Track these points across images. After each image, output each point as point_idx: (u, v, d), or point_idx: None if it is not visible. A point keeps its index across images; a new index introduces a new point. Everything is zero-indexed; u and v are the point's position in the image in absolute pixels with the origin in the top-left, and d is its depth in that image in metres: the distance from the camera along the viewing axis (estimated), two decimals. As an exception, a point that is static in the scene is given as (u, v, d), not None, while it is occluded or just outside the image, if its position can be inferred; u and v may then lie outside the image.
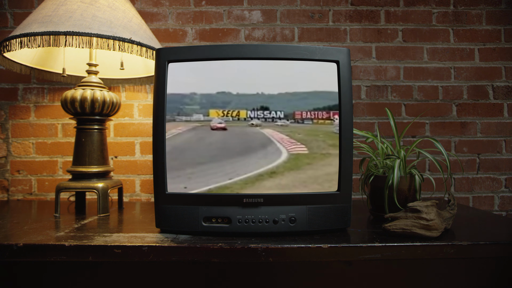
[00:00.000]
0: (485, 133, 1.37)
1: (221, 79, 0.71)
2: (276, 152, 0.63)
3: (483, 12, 1.38)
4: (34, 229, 0.81)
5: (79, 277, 0.76)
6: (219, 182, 0.63)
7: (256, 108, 0.64)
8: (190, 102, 0.62)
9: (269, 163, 0.63)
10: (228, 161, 0.63)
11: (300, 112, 0.63)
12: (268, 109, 0.64)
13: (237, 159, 0.63)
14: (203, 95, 0.62)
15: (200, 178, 0.63)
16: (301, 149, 0.64)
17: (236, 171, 0.63)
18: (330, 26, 1.37)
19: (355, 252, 0.70)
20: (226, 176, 0.63)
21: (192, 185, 0.65)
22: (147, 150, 1.35)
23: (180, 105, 0.62)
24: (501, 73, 1.37)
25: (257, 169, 0.64)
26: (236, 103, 0.63)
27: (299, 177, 0.64)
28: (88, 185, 0.99)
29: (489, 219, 0.94)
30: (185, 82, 0.66)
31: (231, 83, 0.71)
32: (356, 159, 1.31)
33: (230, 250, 0.69)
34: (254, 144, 0.63)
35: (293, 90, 0.67)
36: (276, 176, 0.64)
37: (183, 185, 0.64)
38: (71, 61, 1.20)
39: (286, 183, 0.63)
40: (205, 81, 0.67)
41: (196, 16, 1.36)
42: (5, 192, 1.33)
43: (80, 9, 0.93)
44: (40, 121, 1.34)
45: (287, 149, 0.63)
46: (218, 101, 0.63)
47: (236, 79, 0.74)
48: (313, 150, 0.64)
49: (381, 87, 1.37)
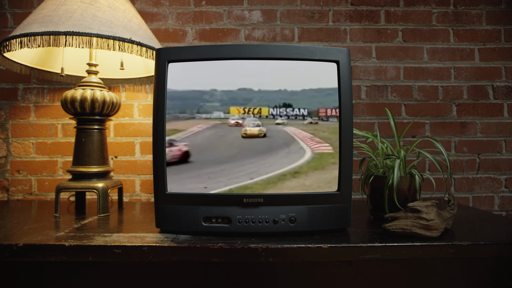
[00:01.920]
0: (485, 133, 1.37)
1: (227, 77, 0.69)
2: (299, 151, 0.60)
3: (483, 12, 1.38)
4: (34, 229, 0.81)
5: (79, 277, 0.76)
6: (239, 182, 0.59)
7: (279, 105, 0.61)
8: (210, 99, 0.60)
9: (292, 162, 0.60)
10: (249, 160, 0.60)
11: (324, 109, 0.60)
12: (291, 106, 0.61)
13: (258, 158, 0.60)
14: (224, 92, 0.59)
15: (220, 177, 0.60)
16: (326, 148, 0.60)
17: (257, 171, 0.60)
18: (330, 26, 1.37)
19: (355, 252, 0.70)
20: (247, 176, 0.60)
21: (212, 185, 0.61)
22: (147, 150, 1.35)
23: (200, 102, 0.60)
24: (501, 73, 1.37)
25: (279, 169, 0.61)
26: (257, 100, 0.60)
27: (324, 178, 0.61)
28: (88, 185, 0.99)
29: (489, 219, 0.94)
30: (198, 78, 0.63)
31: (233, 82, 0.69)
32: (356, 159, 1.31)
33: (230, 250, 0.69)
34: (276, 143, 0.60)
35: (293, 88, 0.65)
36: (300, 176, 0.61)
37: (203, 185, 0.61)
38: (71, 61, 1.20)
39: (310, 184, 0.60)
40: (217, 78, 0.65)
41: (196, 16, 1.36)
42: (5, 192, 1.33)
43: (80, 9, 0.93)
44: (40, 121, 1.34)
45: (311, 148, 0.60)
46: (239, 97, 0.60)
47: (236, 78, 0.75)
48: (338, 149, 0.61)
49: (381, 87, 1.37)
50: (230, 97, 0.59)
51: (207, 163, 0.59)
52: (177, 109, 0.61)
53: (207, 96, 0.59)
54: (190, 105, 0.59)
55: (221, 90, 0.59)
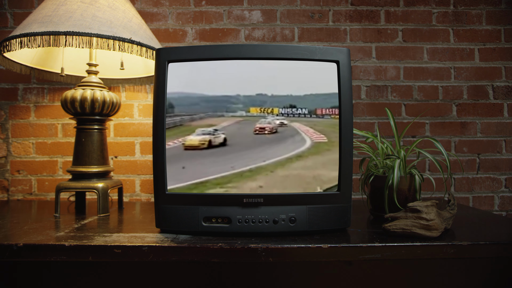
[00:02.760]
0: (485, 133, 1.37)
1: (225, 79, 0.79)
2: (301, 140, 0.79)
3: (483, 12, 1.38)
4: (34, 229, 0.80)
5: (79, 277, 0.76)
6: (256, 164, 0.78)
7: (286, 106, 0.79)
8: (235, 101, 0.78)
9: (296, 149, 0.79)
10: (262, 148, 0.79)
11: (320, 109, 0.79)
12: (295, 107, 0.79)
13: (270, 146, 0.79)
14: (246, 96, 0.78)
15: (241, 160, 0.78)
16: (322, 138, 0.79)
17: (267, 156, 0.79)
18: (330, 26, 1.37)
19: (355, 252, 0.70)
20: (261, 159, 0.78)
21: (237, 165, 0.78)
22: (147, 150, 1.35)
23: (227, 104, 0.78)
24: (501, 73, 1.37)
25: (286, 153, 0.79)
26: (271, 102, 0.79)
27: (320, 160, 0.79)
28: (88, 185, 0.99)
29: (489, 219, 0.94)
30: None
31: (233, 83, 0.79)
32: (356, 159, 1.31)
33: (230, 250, 0.69)
34: (284, 135, 0.79)
35: (296, 89, 0.80)
36: (302, 159, 0.79)
37: (231, 165, 0.78)
38: (71, 61, 1.20)
39: (310, 165, 0.78)
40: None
41: (196, 16, 1.36)
42: (5, 192, 1.33)
43: (80, 9, 0.93)
44: (40, 121, 1.34)
45: (310, 138, 0.79)
46: (257, 100, 0.79)
47: (237, 78, 0.78)
48: (331, 139, 0.79)
49: (381, 87, 1.37)
50: (250, 100, 0.79)
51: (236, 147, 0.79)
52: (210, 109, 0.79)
53: (233, 99, 0.79)
54: (220, 107, 0.79)
55: (243, 95, 0.78)
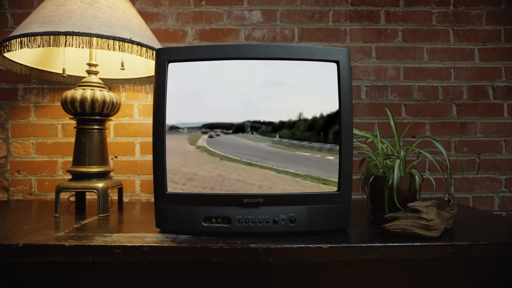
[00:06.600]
0: (485, 133, 1.37)
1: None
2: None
3: (483, 12, 1.38)
4: (34, 229, 0.80)
5: (79, 277, 0.76)
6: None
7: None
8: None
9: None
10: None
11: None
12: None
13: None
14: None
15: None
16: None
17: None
18: (330, 26, 1.37)
19: (355, 252, 0.70)
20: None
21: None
22: (147, 150, 1.35)
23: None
24: (501, 73, 1.37)
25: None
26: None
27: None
28: (88, 185, 0.99)
29: (489, 219, 0.94)
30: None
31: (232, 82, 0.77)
32: (356, 159, 1.31)
33: (230, 250, 0.69)
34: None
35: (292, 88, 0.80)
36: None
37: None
38: (71, 61, 1.20)
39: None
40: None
41: (196, 16, 1.36)
42: (5, 192, 1.33)
43: (80, 9, 0.93)
44: (40, 121, 1.34)
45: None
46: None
47: (236, 77, 0.77)
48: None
49: (381, 87, 1.37)
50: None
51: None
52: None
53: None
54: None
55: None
